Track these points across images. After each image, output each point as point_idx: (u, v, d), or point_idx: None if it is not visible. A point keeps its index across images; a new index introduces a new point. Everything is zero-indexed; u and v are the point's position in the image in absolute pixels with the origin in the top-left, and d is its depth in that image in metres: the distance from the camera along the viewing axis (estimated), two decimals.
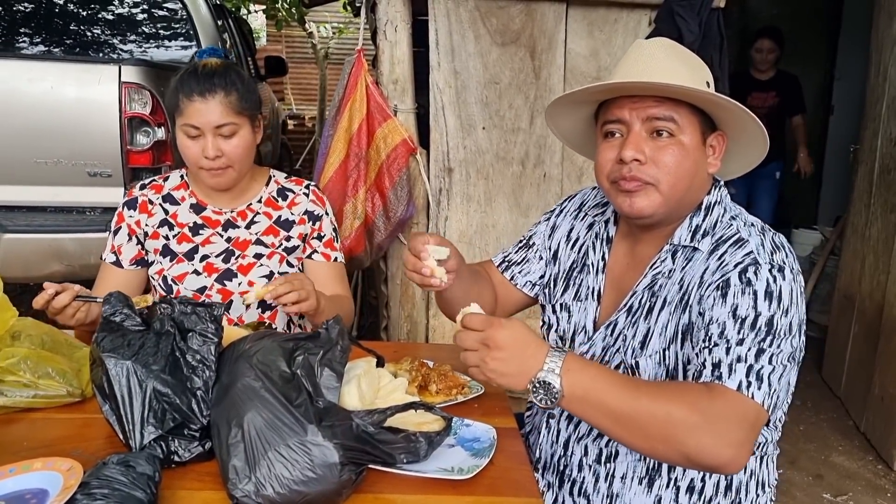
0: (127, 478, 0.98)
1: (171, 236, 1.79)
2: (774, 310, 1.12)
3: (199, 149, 1.67)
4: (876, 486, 2.94)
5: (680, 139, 1.21)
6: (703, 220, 1.26)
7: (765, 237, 1.21)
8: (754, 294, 1.13)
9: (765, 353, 1.11)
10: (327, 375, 1.11)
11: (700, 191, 1.28)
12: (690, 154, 1.22)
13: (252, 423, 1.05)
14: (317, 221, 1.85)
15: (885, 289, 3.17)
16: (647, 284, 1.29)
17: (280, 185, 1.87)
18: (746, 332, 1.12)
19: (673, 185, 1.22)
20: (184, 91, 1.66)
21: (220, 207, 1.82)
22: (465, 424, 1.28)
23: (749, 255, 1.17)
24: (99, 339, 1.18)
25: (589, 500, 1.33)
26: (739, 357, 1.10)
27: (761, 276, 1.14)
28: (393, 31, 2.67)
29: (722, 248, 1.21)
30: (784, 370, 1.12)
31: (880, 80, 3.39)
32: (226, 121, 1.66)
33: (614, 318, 1.32)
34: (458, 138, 2.78)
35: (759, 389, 1.09)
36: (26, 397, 1.31)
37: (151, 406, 1.13)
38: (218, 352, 1.20)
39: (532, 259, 1.53)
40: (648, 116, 1.21)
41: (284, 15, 8.55)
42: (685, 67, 1.22)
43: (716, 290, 1.16)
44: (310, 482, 1.02)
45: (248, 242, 1.80)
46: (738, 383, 1.09)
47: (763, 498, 1.33)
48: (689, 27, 2.52)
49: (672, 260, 1.27)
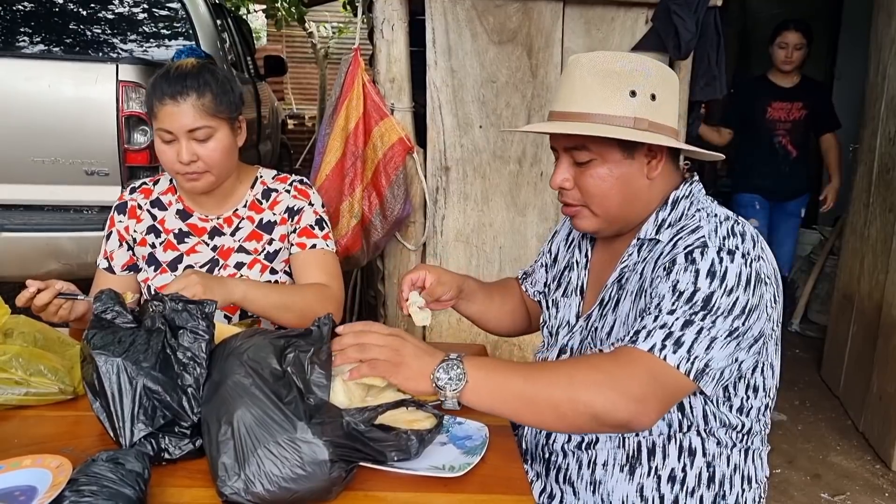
0: (116, 475, 0.97)
1: (158, 244, 1.76)
2: (715, 287, 1.12)
3: (174, 153, 1.61)
4: (874, 486, 2.93)
5: (599, 163, 1.24)
6: (668, 214, 1.28)
7: (721, 225, 1.20)
8: (696, 272, 1.13)
9: (692, 325, 1.10)
10: (317, 373, 1.10)
11: (645, 200, 1.29)
12: (613, 173, 1.25)
13: (242, 420, 1.04)
14: (295, 215, 1.77)
15: (884, 288, 3.17)
16: (616, 278, 1.32)
17: (266, 185, 1.80)
18: (680, 304, 1.12)
19: (601, 204, 1.27)
20: (156, 94, 1.60)
21: (207, 214, 1.77)
22: (457, 422, 1.28)
23: (700, 238, 1.17)
24: (89, 336, 1.17)
25: (574, 488, 1.34)
26: (664, 324, 1.11)
27: (707, 256, 1.14)
28: (390, 29, 2.66)
29: (679, 235, 1.22)
30: (712, 343, 1.11)
31: (879, 79, 3.39)
32: (199, 124, 1.59)
33: (591, 311, 1.36)
34: (455, 137, 2.77)
35: (673, 353, 1.09)
36: (18, 395, 1.31)
37: (142, 403, 1.12)
38: (209, 349, 1.19)
39: (538, 269, 1.61)
40: (566, 147, 1.27)
41: (284, 14, 8.56)
42: (602, 85, 1.21)
43: (662, 269, 1.18)
44: (299, 479, 1.01)
45: (232, 250, 1.75)
46: (650, 346, 1.10)
47: (750, 494, 1.33)
48: (687, 26, 2.52)
49: (638, 253, 1.30)
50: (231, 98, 1.66)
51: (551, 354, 1.43)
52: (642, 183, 1.27)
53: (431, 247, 2.86)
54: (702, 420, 1.26)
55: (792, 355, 4.16)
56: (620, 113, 1.20)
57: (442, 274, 1.48)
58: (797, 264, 4.89)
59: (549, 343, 1.48)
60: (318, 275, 1.74)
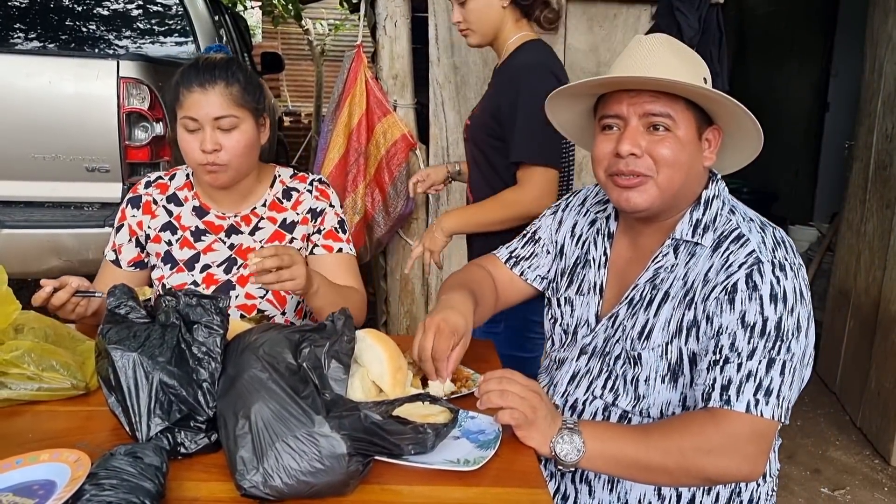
0: (135, 468, 0.98)
1: (174, 241, 1.74)
2: (781, 311, 1.16)
3: (198, 143, 1.60)
4: (873, 481, 2.96)
5: (676, 133, 1.24)
6: (702, 215, 1.29)
7: (765, 234, 1.24)
8: (760, 298, 1.17)
9: (775, 364, 1.15)
10: (335, 367, 1.11)
11: (696, 184, 1.30)
12: (686, 148, 1.24)
13: (259, 415, 1.05)
14: (318, 217, 1.77)
15: (881, 284, 3.19)
16: (650, 278, 1.31)
17: (285, 185, 1.79)
18: (756, 340, 1.16)
19: (669, 177, 1.25)
20: (184, 83, 1.61)
21: (224, 212, 1.75)
22: (471, 417, 1.28)
23: (752, 254, 1.20)
24: (104, 331, 1.17)
25: (590, 487, 1.35)
26: (750, 373, 1.15)
27: (765, 278, 1.17)
28: (392, 26, 2.67)
29: (724, 244, 1.24)
30: (794, 375, 1.17)
31: (875, 76, 3.41)
32: (226, 112, 1.59)
33: (616, 309, 1.35)
34: (457, 133, 2.78)
35: (766, 405, 1.14)
36: (31, 390, 1.31)
37: (158, 398, 1.13)
38: (223, 344, 1.20)
39: (540, 253, 1.57)
40: (645, 112, 1.24)
41: (281, 11, 8.53)
42: (682, 63, 1.24)
43: (723, 293, 1.20)
44: (317, 473, 1.02)
45: (251, 251, 1.72)
46: (746, 405, 1.14)
47: (764, 487, 1.35)
48: (689, 22, 2.53)
49: (674, 254, 1.30)
50: (259, 92, 1.67)
51: (571, 354, 1.42)
52: (699, 167, 1.29)
53: None
54: None
55: None
56: None
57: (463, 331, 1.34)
58: None
59: (564, 342, 1.46)
60: (347, 279, 1.76)
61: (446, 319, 1.31)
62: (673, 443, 1.15)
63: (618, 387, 1.33)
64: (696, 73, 1.24)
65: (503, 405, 1.16)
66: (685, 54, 1.27)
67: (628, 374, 1.31)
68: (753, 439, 1.15)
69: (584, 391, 1.37)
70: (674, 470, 1.15)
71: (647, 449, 1.15)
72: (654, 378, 1.28)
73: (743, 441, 1.14)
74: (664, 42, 1.26)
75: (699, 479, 1.18)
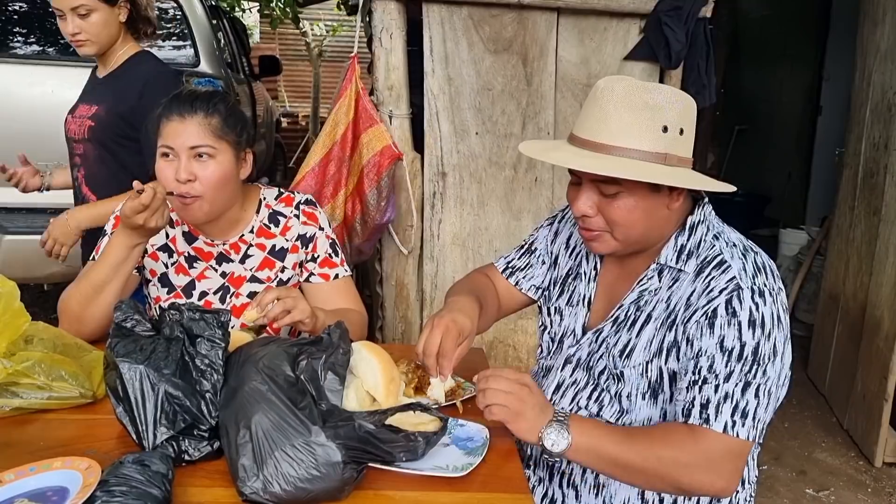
0: (143, 476, 1.04)
1: (170, 264, 1.74)
2: (758, 337, 1.22)
3: (173, 171, 1.57)
4: (857, 482, 3.02)
5: (626, 195, 1.26)
6: (687, 240, 1.33)
7: (746, 260, 1.28)
8: (739, 325, 1.22)
9: (751, 387, 1.21)
10: (331, 379, 1.18)
11: (664, 225, 1.33)
12: (640, 205, 1.27)
13: (259, 425, 1.12)
14: (309, 244, 1.75)
15: (868, 290, 3.25)
16: (634, 299, 1.37)
17: (271, 208, 1.76)
18: (734, 364, 1.22)
19: (624, 233, 1.31)
20: (164, 114, 1.59)
21: (213, 239, 1.73)
22: (460, 424, 1.35)
23: (732, 280, 1.25)
24: (112, 344, 1.24)
25: (577, 491, 1.41)
26: (727, 395, 1.21)
27: (744, 304, 1.22)
28: (388, 38, 2.72)
29: (706, 270, 1.29)
30: (769, 398, 1.23)
31: (864, 84, 3.47)
32: (202, 142, 1.57)
33: (601, 325, 1.41)
34: (451, 143, 2.84)
35: (743, 426, 1.21)
36: (41, 398, 1.37)
37: (163, 408, 1.19)
38: (225, 356, 1.26)
39: (535, 264, 1.62)
40: (592, 179, 1.27)
41: (279, 13, 8.58)
42: (637, 119, 1.21)
43: (703, 317, 1.25)
44: (314, 480, 1.09)
45: (243, 279, 1.72)
46: (723, 425, 1.21)
47: (743, 493, 1.41)
48: (677, 36, 2.59)
49: (658, 278, 1.35)
50: (240, 125, 1.66)
51: (557, 362, 1.48)
52: (664, 213, 1.31)
53: (428, 250, 2.93)
54: None
55: None
56: (653, 149, 1.22)
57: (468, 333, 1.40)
58: (785, 264, 4.98)
59: (551, 350, 1.52)
60: (344, 302, 1.77)
61: (455, 320, 1.36)
62: (652, 451, 1.22)
63: (602, 398, 1.38)
64: (651, 125, 1.21)
65: (487, 403, 1.24)
66: (643, 103, 1.22)
67: (612, 388, 1.37)
68: (729, 458, 1.22)
69: (569, 401, 1.43)
70: (650, 475, 1.23)
71: (628, 451, 1.22)
72: (635, 395, 1.34)
73: (719, 459, 1.22)
74: (621, 96, 1.22)
75: (672, 488, 1.26)
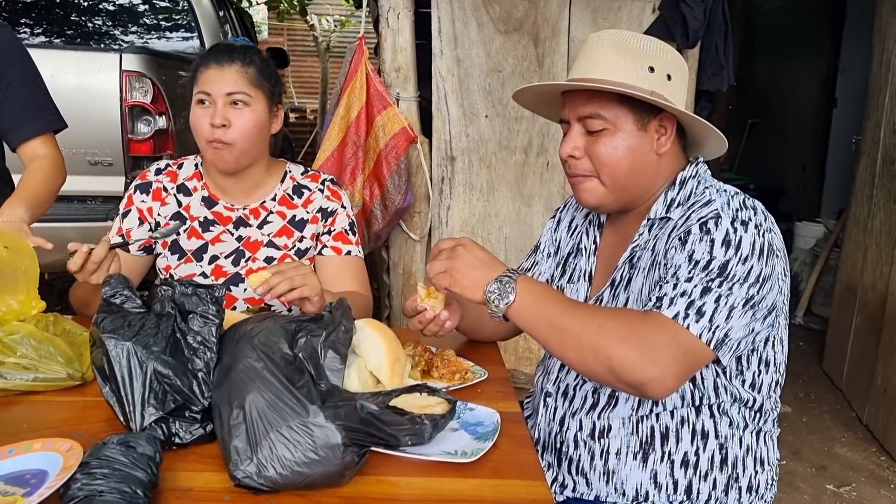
0: (127, 458, 0.97)
1: (182, 231, 1.73)
2: (730, 255, 1.14)
3: (208, 117, 1.60)
4: (879, 478, 2.93)
5: (611, 132, 1.26)
6: (677, 194, 1.30)
7: (733, 199, 1.23)
8: (711, 241, 1.16)
9: (711, 292, 1.13)
10: (331, 357, 1.10)
11: (653, 174, 1.31)
12: (625, 142, 1.26)
13: (254, 405, 1.04)
14: (329, 217, 1.76)
15: (889, 280, 3.16)
16: (627, 258, 1.33)
17: (296, 181, 1.78)
18: (697, 271, 1.14)
19: (611, 174, 1.28)
20: (201, 62, 1.63)
21: (233, 203, 1.75)
22: (469, 408, 1.27)
23: (713, 210, 1.20)
24: (99, 320, 1.16)
25: (587, 479, 1.34)
26: (684, 292, 1.13)
27: (721, 226, 1.16)
28: (395, 18, 2.65)
29: (690, 210, 1.24)
30: (731, 312, 1.13)
31: (883, 70, 3.38)
32: (239, 89, 1.60)
33: (601, 292, 1.37)
34: (460, 127, 2.76)
35: (696, 322, 1.12)
36: (26, 380, 1.30)
37: (152, 387, 1.11)
38: (219, 333, 1.18)
39: (541, 260, 1.60)
40: (579, 116, 1.28)
41: (286, 7, 8.53)
42: (623, 58, 1.25)
43: (677, 240, 1.20)
44: (312, 464, 1.01)
45: (260, 244, 1.73)
46: (675, 313, 1.12)
47: (763, 475, 1.34)
48: (695, 14, 2.51)
49: (648, 232, 1.31)
50: (275, 78, 1.68)
51: None
52: (651, 157, 1.29)
53: (436, 238, 2.86)
54: (713, 393, 1.27)
55: (795, 348, 4.16)
56: (639, 84, 1.23)
57: None
58: (801, 257, 4.88)
59: None
60: (352, 283, 1.75)
61: None
62: (595, 319, 1.14)
63: None
64: (637, 65, 1.24)
65: (430, 275, 1.23)
66: (630, 46, 1.26)
67: None
68: (671, 345, 1.10)
69: (574, 377, 1.38)
70: (584, 345, 1.12)
71: (570, 316, 1.15)
72: None
73: (661, 344, 1.10)
74: (609, 38, 1.27)
75: (603, 365, 1.11)
